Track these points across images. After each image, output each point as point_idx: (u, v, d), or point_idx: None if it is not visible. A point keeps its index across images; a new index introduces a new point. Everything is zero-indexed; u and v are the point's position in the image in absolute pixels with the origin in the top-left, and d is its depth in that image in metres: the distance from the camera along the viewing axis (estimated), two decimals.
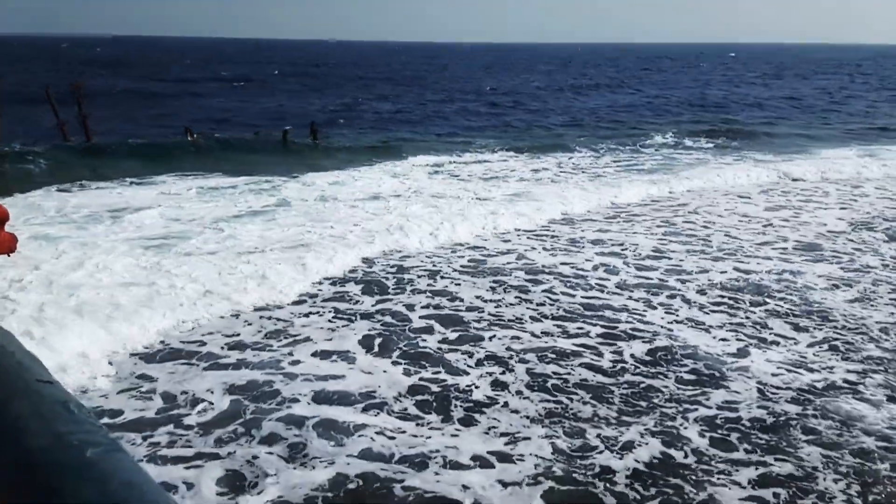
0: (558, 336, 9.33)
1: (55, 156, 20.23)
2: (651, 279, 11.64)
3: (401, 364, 8.44)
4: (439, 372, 8.24)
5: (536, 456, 6.46)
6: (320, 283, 11.13)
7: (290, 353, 8.63)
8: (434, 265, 12.37)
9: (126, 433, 6.77)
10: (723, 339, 9.19)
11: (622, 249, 13.34)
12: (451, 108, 42.27)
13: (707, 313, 10.09)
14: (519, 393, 7.75)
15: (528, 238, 14.18)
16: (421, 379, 8.07)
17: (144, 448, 6.56)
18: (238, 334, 9.17)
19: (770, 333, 9.36)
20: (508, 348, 8.97)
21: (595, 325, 9.70)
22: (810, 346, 8.98)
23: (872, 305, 10.39)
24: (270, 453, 6.49)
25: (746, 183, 20.20)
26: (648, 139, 29.53)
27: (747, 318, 9.91)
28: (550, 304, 10.50)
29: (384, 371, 8.24)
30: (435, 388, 7.86)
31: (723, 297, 10.75)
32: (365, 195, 17.22)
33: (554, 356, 8.70)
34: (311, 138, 26.28)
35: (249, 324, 9.49)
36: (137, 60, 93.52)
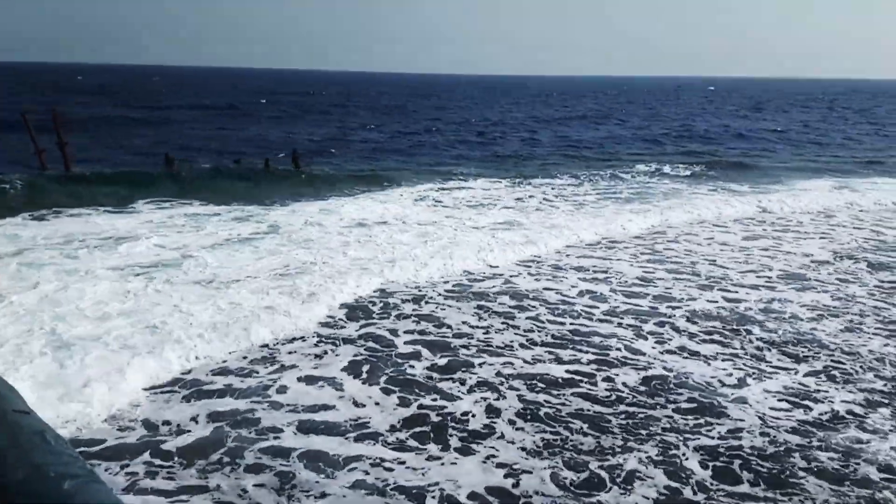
0: (550, 362, 9.20)
1: (32, 184, 19.70)
2: (641, 306, 11.58)
3: (393, 391, 8.25)
4: (432, 399, 8.05)
5: (542, 494, 6.25)
6: (309, 312, 10.87)
7: (276, 381, 8.41)
8: (419, 290, 12.26)
9: (106, 462, 6.51)
10: (719, 369, 9.09)
11: (606, 276, 13.31)
12: (437, 137, 42.38)
13: (699, 343, 10.01)
14: (513, 423, 7.57)
15: (513, 263, 14.12)
16: (411, 406, 7.87)
17: (123, 478, 6.30)
18: (224, 361, 8.94)
19: (765, 363, 9.29)
20: (499, 373, 8.83)
21: (586, 352, 9.58)
22: (807, 375, 8.92)
23: (864, 335, 10.40)
24: (260, 485, 6.26)
25: (724, 213, 20.28)
26: (631, 169, 29.72)
27: (741, 347, 9.85)
28: (539, 331, 10.39)
29: (376, 403, 8.03)
30: (428, 416, 7.67)
31: (714, 326, 10.69)
32: (352, 224, 16.98)
33: (545, 385, 8.54)
34: (294, 166, 26.12)
35: (233, 351, 9.27)
36: (120, 88, 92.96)
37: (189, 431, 7.21)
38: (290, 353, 9.36)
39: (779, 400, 8.20)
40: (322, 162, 29.69)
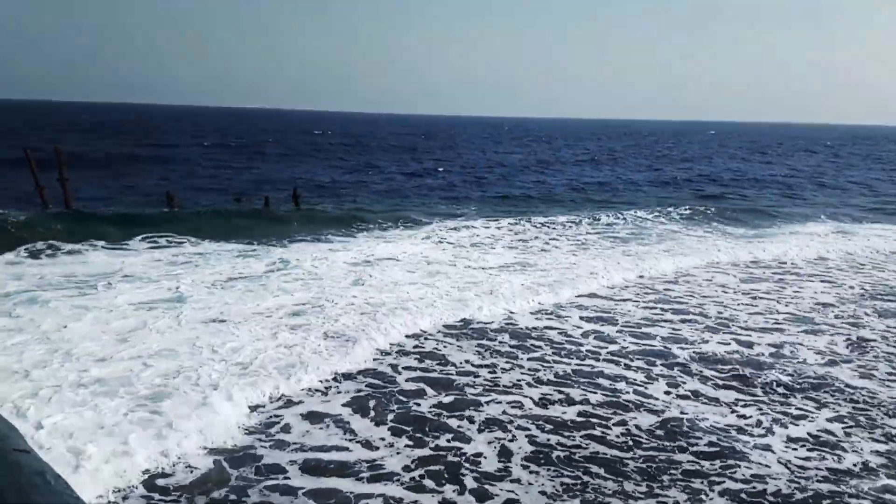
0: (559, 404, 8.97)
1: (32, 220, 19.54)
2: (652, 347, 11.39)
3: (403, 430, 8.03)
4: (446, 441, 7.84)
5: None
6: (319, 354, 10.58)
7: (282, 417, 8.20)
8: (420, 327, 12.03)
9: (104, 498, 6.27)
10: (736, 413, 8.86)
11: (611, 317, 13.12)
12: (443, 178, 42.45)
13: (714, 387, 9.77)
14: (527, 466, 7.32)
15: (518, 302, 13.89)
16: (425, 447, 7.65)
17: None
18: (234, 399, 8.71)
19: (784, 407, 9.06)
20: (506, 413, 8.61)
21: (595, 393, 9.35)
22: (830, 421, 8.70)
23: (881, 381, 10.18)
24: None
25: (723, 255, 20.08)
26: (632, 210, 29.58)
27: (757, 391, 9.63)
28: (545, 370, 10.16)
29: (389, 445, 7.82)
30: (440, 456, 7.44)
31: (728, 369, 10.47)
32: (357, 262, 16.69)
33: (555, 426, 8.31)
34: (294, 205, 26.07)
35: (253, 402, 8.99)
36: (125, 127, 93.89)
37: (190, 467, 6.96)
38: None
39: (803, 447, 7.96)
40: (326, 200, 29.65)
